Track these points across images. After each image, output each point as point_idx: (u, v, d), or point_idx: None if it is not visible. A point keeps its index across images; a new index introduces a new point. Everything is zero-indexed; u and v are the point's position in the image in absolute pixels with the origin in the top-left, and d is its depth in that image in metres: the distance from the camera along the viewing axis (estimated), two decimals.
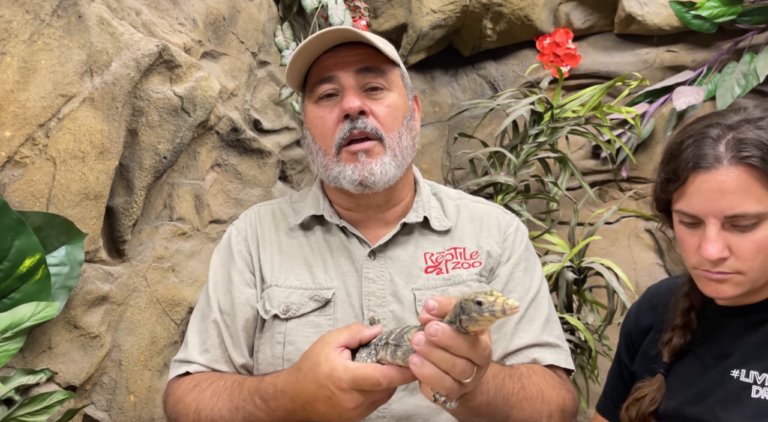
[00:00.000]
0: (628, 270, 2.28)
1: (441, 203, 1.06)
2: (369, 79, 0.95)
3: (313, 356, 0.78)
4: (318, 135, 0.97)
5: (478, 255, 1.00)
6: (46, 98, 1.13)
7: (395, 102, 0.97)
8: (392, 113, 0.96)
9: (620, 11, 2.30)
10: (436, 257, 0.99)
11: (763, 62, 2.05)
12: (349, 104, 0.92)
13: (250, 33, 1.77)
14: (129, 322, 1.35)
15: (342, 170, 0.94)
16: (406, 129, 0.98)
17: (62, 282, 1.14)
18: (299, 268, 0.99)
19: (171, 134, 1.37)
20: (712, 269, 0.84)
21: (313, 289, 0.97)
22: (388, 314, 0.95)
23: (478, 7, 2.35)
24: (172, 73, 1.36)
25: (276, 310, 0.96)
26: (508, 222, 1.06)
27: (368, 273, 0.97)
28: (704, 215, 0.83)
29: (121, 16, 1.28)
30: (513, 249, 1.03)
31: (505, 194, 2.02)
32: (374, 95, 0.95)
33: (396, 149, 0.95)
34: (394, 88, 0.98)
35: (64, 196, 1.16)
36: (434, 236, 1.02)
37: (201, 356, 0.98)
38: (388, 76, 0.97)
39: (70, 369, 1.21)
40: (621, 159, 2.29)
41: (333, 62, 0.95)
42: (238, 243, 1.03)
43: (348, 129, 0.93)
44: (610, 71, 2.37)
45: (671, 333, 0.97)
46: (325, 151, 0.97)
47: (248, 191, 1.76)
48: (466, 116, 2.54)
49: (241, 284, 1.00)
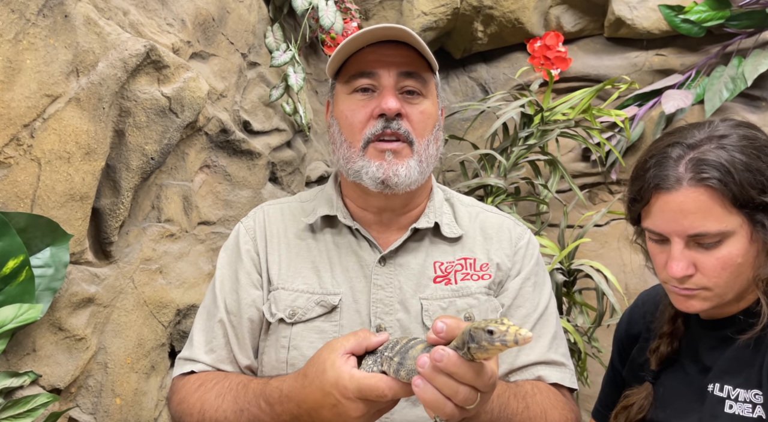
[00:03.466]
0: (618, 273, 2.29)
1: (453, 209, 1.05)
2: (409, 82, 0.94)
3: (319, 362, 0.77)
4: (346, 126, 0.96)
5: (488, 267, 0.99)
6: (31, 98, 1.12)
7: (429, 110, 0.97)
8: (425, 120, 0.95)
9: (610, 15, 2.31)
10: (446, 267, 0.98)
11: (751, 66, 2.07)
12: (388, 105, 0.91)
13: (239, 34, 1.76)
14: (115, 324, 1.34)
15: (366, 165, 0.93)
16: (434, 138, 0.98)
17: (47, 284, 1.12)
18: (306, 271, 0.98)
19: (158, 134, 1.36)
20: (679, 286, 0.86)
21: (320, 294, 0.96)
22: (395, 322, 0.95)
23: (469, 10, 2.35)
24: (159, 73, 1.35)
25: (282, 314, 0.95)
26: (519, 235, 1.04)
27: (377, 280, 0.96)
28: (669, 234, 0.85)
29: (108, 16, 1.28)
30: (523, 264, 1.01)
31: (495, 197, 2.03)
32: (410, 99, 0.95)
33: (423, 155, 0.95)
34: (430, 96, 0.97)
35: (49, 197, 1.15)
36: (445, 245, 1.00)
37: (206, 355, 0.97)
38: (427, 83, 0.96)
39: (54, 372, 1.19)
40: (611, 162, 2.31)
41: (376, 58, 0.94)
42: (246, 243, 1.02)
43: (381, 127, 0.92)
44: (600, 74, 2.38)
45: (659, 340, 0.98)
46: (351, 143, 0.95)
47: (237, 192, 1.75)
48: (457, 118, 2.55)
49: (248, 285, 0.99)
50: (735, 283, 0.84)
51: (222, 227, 1.70)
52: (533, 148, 2.04)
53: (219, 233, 1.68)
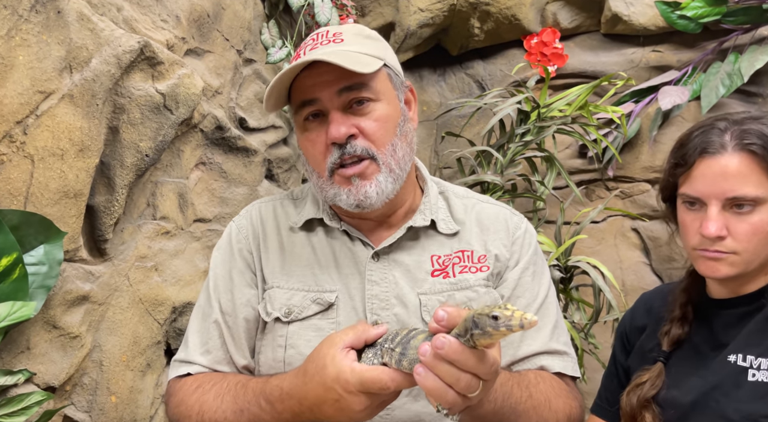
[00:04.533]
0: (615, 269, 2.29)
1: (448, 203, 1.04)
2: (353, 95, 0.90)
3: (319, 358, 0.77)
4: (310, 158, 0.95)
5: (486, 259, 0.98)
6: (24, 95, 1.11)
7: (384, 113, 0.92)
8: (382, 126, 0.91)
9: (606, 11, 2.31)
10: (443, 260, 0.97)
11: (747, 62, 2.06)
12: (334, 134, 0.88)
13: (235, 30, 1.75)
14: (110, 322, 1.34)
15: (337, 192, 0.92)
16: (401, 137, 0.94)
17: (40, 282, 1.12)
18: (301, 269, 0.97)
19: (153, 131, 1.36)
20: (710, 248, 0.92)
21: (316, 291, 0.95)
22: (392, 317, 0.94)
23: (466, 6, 2.34)
24: (154, 70, 1.34)
25: (277, 313, 0.94)
26: (516, 224, 1.03)
27: (371, 276, 0.95)
28: (707, 197, 0.92)
29: (102, 11, 1.27)
30: (521, 253, 1.00)
31: (492, 193, 2.02)
32: (361, 110, 0.91)
33: (391, 163, 0.92)
34: (382, 96, 0.92)
35: (43, 194, 1.15)
36: (441, 238, 0.99)
37: (202, 357, 0.96)
38: (374, 86, 0.91)
39: (49, 370, 1.19)
40: (607, 158, 2.30)
41: (312, 82, 0.90)
42: (239, 242, 1.01)
43: (338, 156, 0.90)
44: (597, 71, 2.38)
45: (670, 324, 1.03)
46: (319, 173, 0.94)
47: (233, 189, 1.75)
48: (453, 115, 2.54)
49: (242, 285, 0.98)
50: (763, 251, 0.91)
51: (218, 225, 1.69)
52: (530, 144, 2.04)
53: (215, 231, 1.68)
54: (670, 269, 2.24)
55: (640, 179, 2.30)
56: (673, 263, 2.23)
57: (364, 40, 0.94)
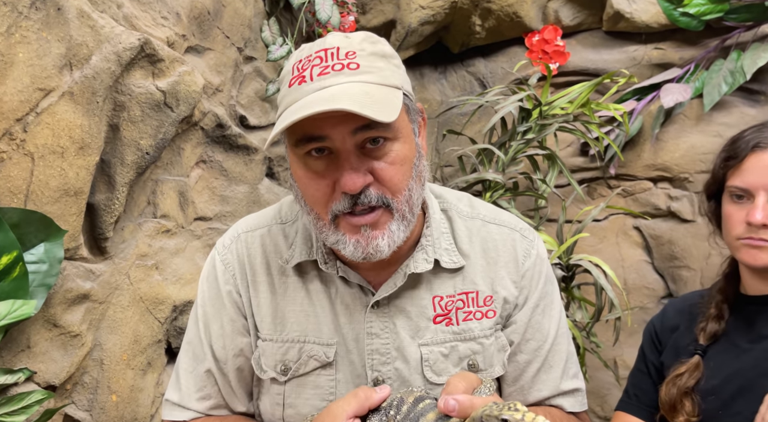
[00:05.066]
0: (616, 267, 2.29)
1: (451, 225, 0.94)
2: (370, 134, 0.77)
3: None
4: (308, 197, 0.81)
5: (492, 302, 0.91)
6: (24, 92, 1.10)
7: (401, 154, 0.79)
8: (399, 171, 0.79)
9: (608, 8, 2.30)
10: (446, 303, 0.90)
11: (750, 60, 2.06)
12: (348, 185, 0.75)
13: (235, 28, 1.74)
14: (111, 321, 1.33)
15: (341, 239, 0.80)
16: (416, 179, 0.82)
17: (41, 280, 1.11)
18: (295, 316, 0.90)
19: (153, 129, 1.35)
20: (755, 236, 0.98)
21: (312, 343, 0.89)
22: (392, 372, 0.89)
23: (467, 4, 2.34)
24: (154, 67, 1.33)
25: (273, 372, 0.90)
26: (525, 252, 0.93)
27: (371, 328, 0.89)
28: (755, 188, 0.99)
29: (102, 9, 1.26)
30: (531, 288, 0.93)
31: (493, 192, 2.02)
32: (375, 151, 0.78)
33: (405, 210, 0.81)
34: (400, 135, 0.80)
35: (43, 192, 1.14)
36: (444, 276, 0.91)
37: (199, 403, 0.93)
38: (392, 124, 0.78)
39: (49, 369, 1.18)
40: (609, 156, 2.30)
41: (322, 117, 0.74)
42: (226, 283, 0.92)
43: (349, 205, 0.78)
44: (599, 68, 2.37)
45: (706, 321, 1.09)
46: (319, 215, 0.81)
47: (234, 188, 1.74)
48: (454, 113, 2.53)
49: (234, 334, 0.92)
50: None
51: (218, 223, 1.69)
52: (531, 142, 2.03)
53: (215, 229, 1.67)
54: (672, 267, 2.23)
55: (642, 177, 2.30)
56: (675, 262, 2.22)
57: (380, 61, 0.80)
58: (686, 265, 2.19)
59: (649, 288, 2.28)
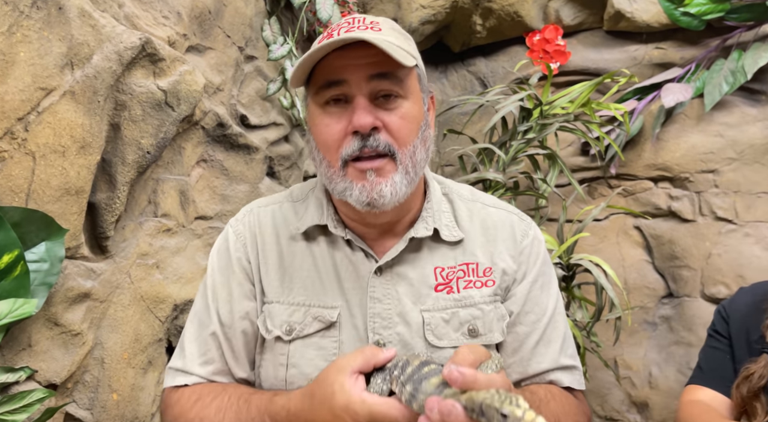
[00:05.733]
0: (617, 267, 2.29)
1: (452, 206, 0.99)
2: (383, 86, 0.84)
3: (327, 384, 0.75)
4: (322, 144, 0.88)
5: (492, 272, 0.94)
6: (25, 91, 1.10)
7: (410, 112, 0.87)
8: (407, 126, 0.86)
9: (609, 8, 2.30)
10: (447, 273, 0.93)
11: (751, 60, 2.06)
12: (360, 121, 0.83)
13: (236, 27, 1.74)
14: (112, 319, 1.34)
15: (348, 186, 0.86)
16: (421, 141, 0.89)
17: (42, 279, 1.11)
18: (301, 281, 0.94)
19: (154, 128, 1.35)
20: None
21: (317, 307, 0.92)
22: (394, 336, 0.91)
23: (468, 3, 2.34)
24: (155, 66, 1.33)
25: (278, 331, 0.92)
26: (523, 232, 0.98)
27: (374, 292, 0.92)
28: None
29: (103, 8, 1.26)
30: (529, 264, 0.97)
31: (494, 191, 2.02)
32: (387, 104, 0.85)
33: (408, 165, 0.87)
34: (410, 95, 0.87)
35: (44, 191, 1.14)
36: (445, 248, 0.95)
37: (201, 368, 0.94)
38: (405, 82, 0.86)
39: (50, 367, 1.19)
40: (610, 156, 2.30)
41: (343, 64, 0.84)
42: (237, 250, 0.97)
43: (358, 147, 0.84)
44: (600, 68, 2.37)
45: None
46: (330, 162, 0.88)
47: (235, 187, 1.74)
48: (455, 113, 2.53)
49: (241, 297, 0.95)
50: None
51: (219, 222, 1.69)
52: (532, 142, 2.03)
53: (216, 228, 1.68)
54: (673, 267, 2.23)
55: (642, 177, 2.30)
56: (676, 262, 2.22)
57: (400, 35, 0.89)
58: (687, 265, 2.19)
59: (650, 288, 2.28)
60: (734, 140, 2.15)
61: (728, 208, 2.14)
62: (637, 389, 2.24)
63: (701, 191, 2.19)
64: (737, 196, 2.13)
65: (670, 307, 2.24)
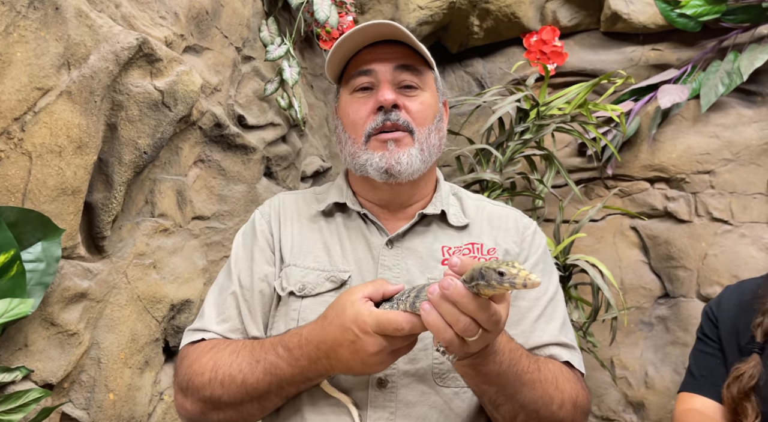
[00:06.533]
0: (613, 268, 2.29)
1: (461, 202, 1.09)
2: (405, 76, 0.99)
3: (338, 305, 0.82)
4: (349, 124, 1.01)
5: (496, 252, 1.01)
6: (22, 91, 1.10)
7: (428, 101, 1.01)
8: (424, 111, 1.00)
9: (606, 9, 2.31)
10: (454, 251, 1.01)
11: (747, 61, 2.06)
12: (384, 96, 0.96)
13: (234, 28, 1.75)
14: (108, 319, 1.34)
15: (370, 157, 0.97)
16: (435, 128, 1.02)
17: (38, 279, 1.11)
18: (318, 250, 1.01)
19: (151, 128, 1.35)
20: None
21: (330, 271, 0.99)
22: None
23: (465, 4, 2.34)
24: (152, 67, 1.34)
25: (292, 287, 0.97)
26: (526, 225, 1.07)
27: (384, 261, 0.98)
28: None
29: (100, 8, 1.26)
30: (531, 251, 1.04)
31: (491, 192, 2.02)
32: (408, 93, 0.99)
33: (424, 144, 0.99)
34: (428, 88, 1.02)
35: (41, 191, 1.14)
36: (452, 231, 1.03)
37: (217, 325, 0.99)
38: (423, 76, 1.01)
39: (47, 367, 1.19)
40: (606, 157, 2.30)
41: (372, 57, 0.99)
42: (261, 224, 1.06)
43: (381, 120, 0.97)
44: (596, 69, 2.38)
45: (762, 316, 1.08)
46: (355, 139, 1.00)
47: (232, 187, 1.74)
48: (453, 113, 2.54)
49: (262, 262, 1.02)
50: None
51: (216, 222, 1.69)
52: (529, 143, 2.04)
53: (213, 228, 1.68)
54: (669, 267, 2.24)
55: (639, 178, 2.31)
56: (672, 262, 2.23)
57: (418, 41, 1.01)
58: (683, 265, 2.20)
59: (646, 288, 2.29)
60: (730, 141, 2.16)
61: (724, 209, 2.15)
62: (634, 389, 2.24)
63: (697, 192, 2.20)
64: (733, 197, 2.14)
65: (666, 307, 2.25)
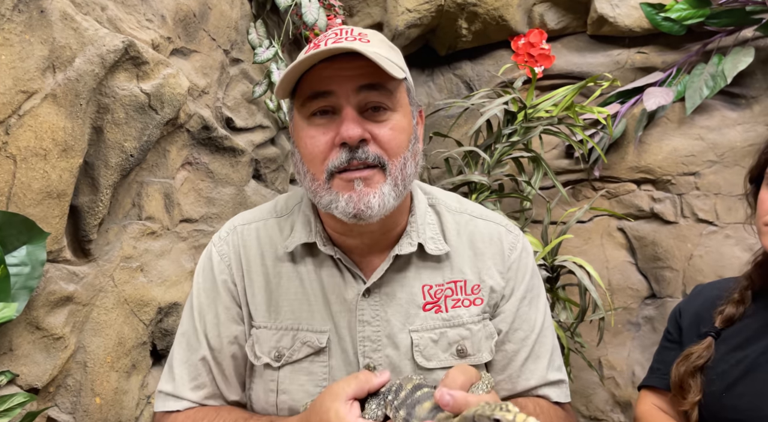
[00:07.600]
0: (601, 269, 2.31)
1: (439, 218, 0.97)
2: (372, 97, 0.82)
3: (323, 411, 0.75)
4: (307, 157, 0.85)
5: (480, 290, 0.93)
6: (6, 94, 1.10)
7: (400, 124, 0.84)
8: (397, 137, 0.84)
9: (592, 13, 2.33)
10: (435, 292, 0.93)
11: (731, 64, 2.09)
12: (349, 133, 0.80)
13: (222, 30, 1.75)
14: (95, 323, 1.33)
15: (334, 199, 0.83)
16: (411, 154, 0.86)
17: (23, 283, 1.11)
18: (288, 304, 0.93)
19: (138, 131, 1.35)
20: None
21: (306, 331, 0.91)
22: (384, 359, 0.91)
23: (453, 7, 2.35)
24: (138, 69, 1.33)
25: (267, 357, 0.91)
26: (511, 245, 0.97)
27: (362, 315, 0.91)
28: None
29: (86, 11, 1.26)
30: (517, 280, 0.96)
31: (479, 193, 2.03)
32: (376, 116, 0.83)
33: (398, 178, 0.84)
34: (399, 108, 0.85)
35: (25, 194, 1.14)
36: (432, 263, 0.94)
37: (193, 393, 0.93)
38: (394, 94, 0.84)
39: (32, 371, 1.18)
40: (593, 159, 2.32)
41: (330, 74, 0.81)
42: (221, 272, 0.95)
43: (346, 159, 0.81)
44: (583, 72, 2.40)
45: (726, 304, 1.12)
46: (314, 175, 0.85)
47: (220, 189, 1.74)
48: (441, 116, 2.55)
49: (229, 321, 0.94)
50: None
51: (204, 225, 1.69)
52: (517, 145, 2.05)
53: (201, 231, 1.67)
54: (655, 268, 2.26)
55: (625, 180, 2.33)
56: (658, 263, 2.25)
57: (389, 49, 0.87)
58: (669, 266, 2.22)
59: (633, 289, 2.31)
60: (715, 143, 2.18)
61: (709, 210, 2.17)
62: (621, 389, 2.26)
63: (683, 193, 2.22)
64: (718, 198, 2.17)
65: (653, 308, 2.27)
